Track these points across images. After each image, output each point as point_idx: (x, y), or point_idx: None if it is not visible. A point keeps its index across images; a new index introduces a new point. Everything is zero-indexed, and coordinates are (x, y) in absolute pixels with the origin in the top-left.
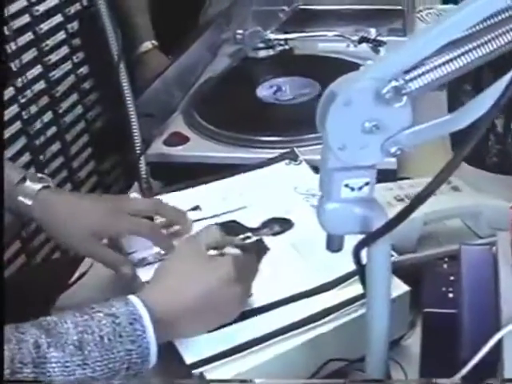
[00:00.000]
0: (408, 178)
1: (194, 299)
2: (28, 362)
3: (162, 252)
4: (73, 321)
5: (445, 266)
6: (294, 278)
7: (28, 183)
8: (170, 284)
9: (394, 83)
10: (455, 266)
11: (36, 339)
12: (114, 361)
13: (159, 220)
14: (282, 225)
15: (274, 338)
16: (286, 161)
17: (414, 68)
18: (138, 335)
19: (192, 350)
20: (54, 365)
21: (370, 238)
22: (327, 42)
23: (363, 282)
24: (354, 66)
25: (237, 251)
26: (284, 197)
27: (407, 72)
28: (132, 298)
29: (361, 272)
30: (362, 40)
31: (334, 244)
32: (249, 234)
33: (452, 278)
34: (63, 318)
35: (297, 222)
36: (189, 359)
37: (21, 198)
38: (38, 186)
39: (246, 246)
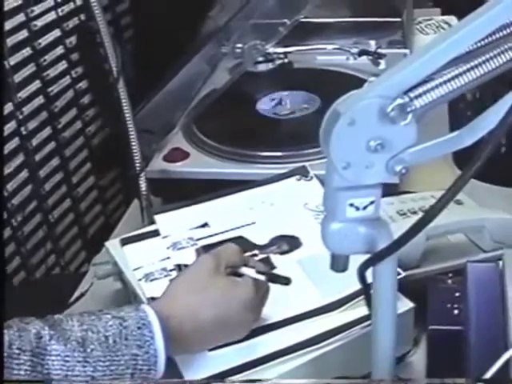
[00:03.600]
0: (410, 192)
1: (210, 320)
2: (26, 350)
3: (169, 268)
4: (79, 319)
5: (449, 281)
6: (299, 298)
7: None
8: (186, 301)
9: (398, 101)
10: (460, 281)
11: (39, 330)
12: (118, 364)
13: None
14: (289, 243)
15: (278, 358)
16: (297, 176)
17: (419, 85)
18: (145, 341)
19: (193, 368)
20: (53, 358)
21: (375, 258)
22: (327, 55)
23: (368, 300)
24: (354, 79)
25: (255, 274)
26: (293, 213)
27: (412, 89)
28: (144, 306)
29: (366, 291)
30: (362, 53)
31: (338, 264)
32: (256, 252)
33: (457, 294)
34: (70, 316)
35: (305, 240)
36: (189, 378)
37: None
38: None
39: (263, 270)
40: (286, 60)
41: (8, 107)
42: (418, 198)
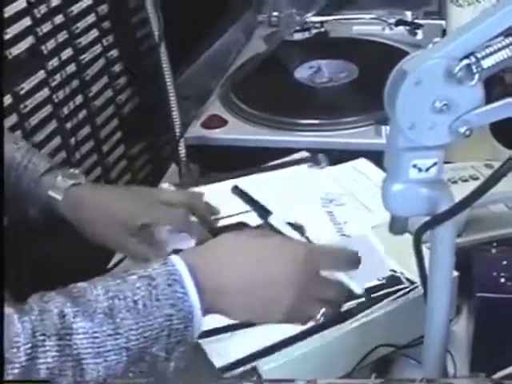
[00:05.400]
0: (449, 163)
1: (247, 275)
2: (51, 335)
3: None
4: (103, 286)
5: (493, 250)
6: None
7: (59, 178)
8: (219, 252)
9: (465, 61)
10: (505, 250)
11: (61, 308)
12: (151, 328)
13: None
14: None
15: (322, 331)
16: (309, 163)
17: (486, 46)
18: (178, 298)
19: (221, 352)
20: (81, 336)
21: (435, 221)
22: (362, 25)
23: (421, 264)
24: (392, 49)
25: None
26: (301, 201)
27: (478, 50)
28: (172, 257)
29: (419, 255)
30: (399, 23)
31: (397, 226)
32: None
33: (504, 262)
34: (94, 283)
35: (309, 228)
36: (218, 362)
37: (51, 193)
38: (69, 182)
39: None
40: (322, 29)
41: (41, 75)
42: (458, 167)
